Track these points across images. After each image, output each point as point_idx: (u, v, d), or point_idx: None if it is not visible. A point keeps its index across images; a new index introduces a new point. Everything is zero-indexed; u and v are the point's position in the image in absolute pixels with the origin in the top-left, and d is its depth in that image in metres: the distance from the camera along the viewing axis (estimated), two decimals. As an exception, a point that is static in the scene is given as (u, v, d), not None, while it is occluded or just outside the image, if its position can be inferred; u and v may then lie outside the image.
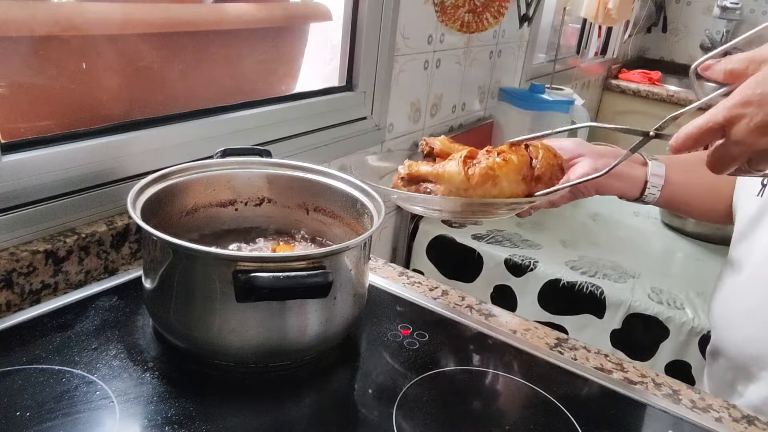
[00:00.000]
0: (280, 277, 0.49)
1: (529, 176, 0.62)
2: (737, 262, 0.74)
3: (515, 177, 0.61)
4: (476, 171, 0.60)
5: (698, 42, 3.32)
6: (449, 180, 0.60)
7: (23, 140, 0.67)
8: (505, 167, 0.61)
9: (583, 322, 1.22)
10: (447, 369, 0.61)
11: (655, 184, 0.76)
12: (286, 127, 1.00)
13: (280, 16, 1.02)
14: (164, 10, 0.82)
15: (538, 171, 0.63)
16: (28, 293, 0.63)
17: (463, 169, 0.60)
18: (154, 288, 0.57)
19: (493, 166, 0.60)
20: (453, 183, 0.60)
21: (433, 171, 0.61)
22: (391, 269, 0.81)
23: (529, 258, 1.27)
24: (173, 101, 0.87)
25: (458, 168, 0.60)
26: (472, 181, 0.60)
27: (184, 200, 0.67)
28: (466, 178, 0.60)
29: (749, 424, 0.60)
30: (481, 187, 0.60)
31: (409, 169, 0.61)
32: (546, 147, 0.65)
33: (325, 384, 0.58)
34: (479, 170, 0.60)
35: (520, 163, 0.62)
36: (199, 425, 0.49)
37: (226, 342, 0.54)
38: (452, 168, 0.60)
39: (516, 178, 0.61)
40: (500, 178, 0.60)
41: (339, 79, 1.15)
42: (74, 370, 0.53)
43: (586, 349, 0.68)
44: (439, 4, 1.28)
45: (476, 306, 0.74)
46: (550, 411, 0.57)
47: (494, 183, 0.60)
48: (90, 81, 0.76)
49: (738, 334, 0.72)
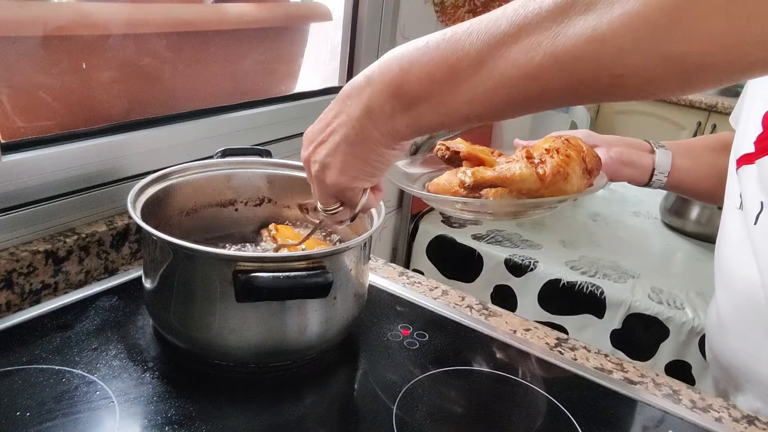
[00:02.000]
0: (280, 277, 0.49)
1: (588, 172, 0.64)
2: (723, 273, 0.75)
3: (580, 172, 0.62)
4: (547, 170, 0.60)
5: (698, 42, 3.31)
6: (522, 181, 0.59)
7: (23, 140, 0.67)
8: (572, 163, 0.62)
9: (583, 322, 1.22)
10: (447, 369, 0.61)
11: (663, 171, 0.80)
12: (286, 127, 1.00)
13: (280, 16, 1.02)
14: (164, 10, 0.82)
15: (589, 164, 0.65)
16: (28, 293, 0.63)
17: (534, 170, 0.60)
18: (154, 288, 0.57)
19: (562, 164, 0.61)
20: (526, 184, 0.60)
21: (500, 175, 0.60)
22: (391, 269, 0.81)
23: (529, 258, 1.27)
24: (173, 101, 0.87)
25: (529, 169, 0.60)
26: (546, 181, 0.60)
27: (184, 200, 0.67)
28: (539, 178, 0.60)
29: (749, 424, 0.60)
30: (555, 185, 0.60)
31: (474, 177, 0.60)
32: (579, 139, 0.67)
33: (325, 384, 0.58)
34: (551, 169, 0.60)
35: (579, 158, 0.63)
36: (199, 425, 0.49)
37: (226, 342, 0.54)
38: (522, 170, 0.60)
39: (580, 173, 0.62)
40: (570, 174, 0.61)
41: (339, 79, 1.15)
42: (74, 370, 0.53)
43: (586, 349, 0.68)
44: (439, 4, 1.28)
45: (476, 306, 0.74)
46: (550, 411, 0.57)
47: (566, 180, 0.61)
48: (90, 81, 0.76)
49: (726, 344, 0.73)
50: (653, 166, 0.80)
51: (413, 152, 0.67)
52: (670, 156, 0.80)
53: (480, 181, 0.60)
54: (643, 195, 1.74)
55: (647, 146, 0.82)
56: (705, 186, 0.84)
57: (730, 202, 0.73)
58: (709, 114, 2.74)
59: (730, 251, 0.72)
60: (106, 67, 0.78)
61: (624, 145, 0.80)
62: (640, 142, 0.82)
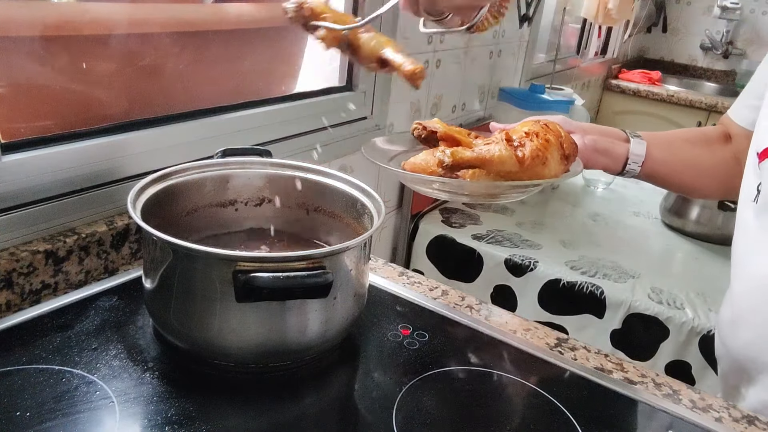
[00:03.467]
0: (280, 277, 0.49)
1: (565, 158, 0.65)
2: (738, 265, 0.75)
3: (558, 157, 0.63)
4: (526, 153, 0.60)
5: (698, 42, 3.32)
6: (501, 163, 0.60)
7: (23, 140, 0.67)
8: (550, 148, 0.62)
9: (583, 322, 1.22)
10: (447, 369, 0.61)
11: (636, 160, 0.81)
12: (286, 127, 1.00)
13: (280, 16, 1.02)
14: (164, 10, 0.82)
15: (566, 150, 0.65)
16: (28, 293, 0.63)
17: (513, 153, 0.60)
18: (154, 288, 0.57)
19: (541, 148, 0.61)
20: (505, 166, 0.60)
21: (479, 156, 0.60)
22: (391, 269, 0.81)
23: (529, 258, 1.27)
24: (173, 101, 0.87)
25: (508, 152, 0.60)
26: (525, 164, 0.60)
27: (184, 200, 0.67)
28: (518, 161, 0.60)
29: (749, 424, 0.60)
30: (533, 169, 0.61)
31: (453, 156, 0.60)
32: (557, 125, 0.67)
33: (325, 384, 0.58)
34: (530, 152, 0.60)
35: (557, 143, 0.64)
36: (199, 425, 0.49)
37: (226, 342, 0.54)
38: (502, 152, 0.60)
39: (558, 158, 0.63)
40: (549, 159, 0.62)
41: (339, 79, 1.15)
42: (74, 370, 0.53)
43: (586, 349, 0.68)
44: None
45: (476, 306, 0.74)
46: (550, 411, 0.57)
47: (544, 164, 0.61)
48: (90, 81, 0.76)
49: (739, 336, 0.72)
50: (627, 155, 0.81)
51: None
52: (644, 146, 0.81)
53: (459, 161, 0.60)
54: (643, 195, 1.73)
55: (622, 135, 0.83)
56: (681, 178, 0.85)
57: (745, 196, 0.74)
58: (709, 114, 2.74)
59: (746, 243, 0.73)
60: (106, 67, 0.78)
61: (599, 133, 0.81)
62: (615, 130, 0.83)
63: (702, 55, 3.35)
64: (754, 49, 3.19)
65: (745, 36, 3.21)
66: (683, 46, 3.40)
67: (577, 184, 1.76)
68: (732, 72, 3.26)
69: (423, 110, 1.38)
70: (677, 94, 2.80)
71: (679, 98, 2.78)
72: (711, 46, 3.25)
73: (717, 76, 3.30)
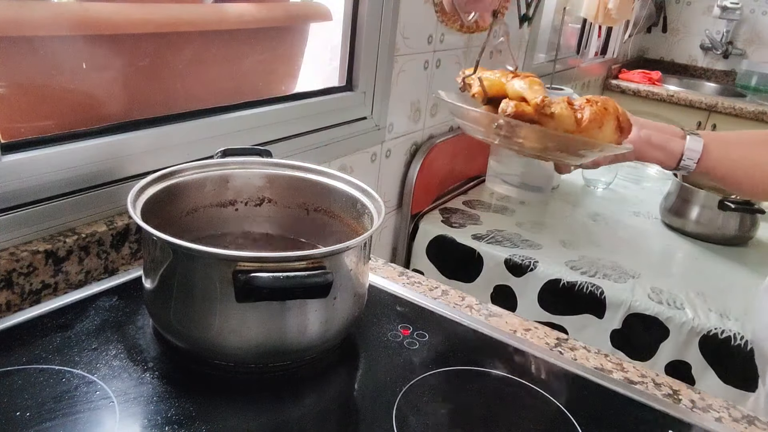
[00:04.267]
0: (280, 277, 0.49)
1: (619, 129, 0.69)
2: None
3: (613, 125, 0.67)
4: (585, 115, 0.65)
5: (698, 42, 3.32)
6: (560, 120, 0.65)
7: (23, 140, 0.67)
8: (608, 116, 0.67)
9: (583, 322, 1.22)
10: (447, 369, 0.61)
11: (691, 156, 0.82)
12: (286, 127, 1.00)
13: (280, 16, 1.02)
14: (164, 10, 0.82)
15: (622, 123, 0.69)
16: (28, 293, 0.63)
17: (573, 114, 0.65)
18: (154, 288, 0.57)
19: (599, 113, 0.66)
20: (563, 124, 0.65)
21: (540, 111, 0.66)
22: (391, 269, 0.81)
23: (529, 258, 1.27)
24: (173, 101, 0.87)
25: (568, 111, 0.65)
26: (582, 124, 0.65)
27: (184, 200, 0.67)
28: (576, 122, 0.65)
29: (749, 424, 0.60)
30: (589, 131, 0.66)
31: (516, 108, 0.65)
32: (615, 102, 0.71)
33: (325, 384, 0.58)
34: (589, 115, 0.65)
35: (614, 114, 0.68)
36: (199, 425, 0.49)
37: (226, 342, 0.54)
38: (562, 110, 0.65)
39: (613, 127, 0.67)
40: (605, 125, 0.66)
41: (339, 79, 1.15)
42: (74, 370, 0.53)
43: (586, 349, 0.68)
44: (439, 4, 1.28)
45: (476, 306, 0.74)
46: (550, 411, 0.57)
47: (600, 128, 0.66)
48: (90, 81, 0.76)
49: None
50: (682, 150, 0.82)
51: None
52: (701, 143, 0.81)
53: (520, 113, 0.65)
54: (643, 195, 1.73)
55: (680, 132, 0.84)
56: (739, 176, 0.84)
57: None
58: (709, 114, 2.74)
59: None
60: (106, 67, 0.78)
61: (655, 129, 0.82)
62: (672, 127, 0.84)
63: (702, 55, 3.35)
64: (754, 49, 3.19)
65: (745, 36, 3.21)
66: (683, 46, 3.40)
67: (577, 184, 1.76)
68: (732, 72, 3.26)
69: (423, 110, 1.38)
70: (677, 94, 2.80)
71: (679, 98, 2.78)
72: (711, 46, 3.25)
73: (717, 76, 3.30)
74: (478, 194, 1.60)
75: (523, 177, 1.59)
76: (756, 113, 2.60)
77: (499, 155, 1.61)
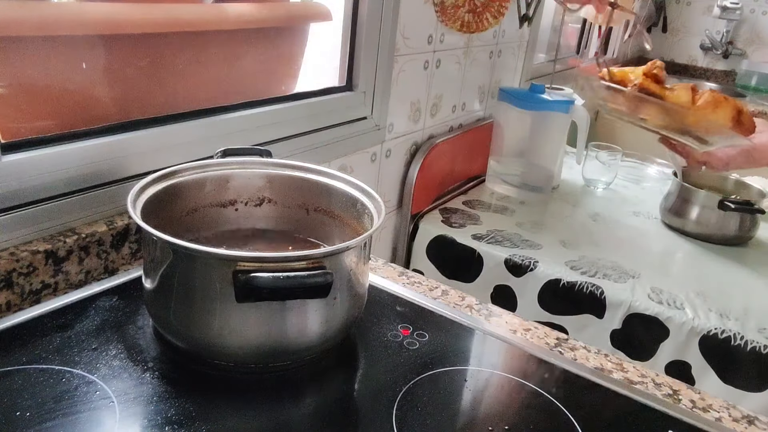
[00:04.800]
0: (280, 277, 0.49)
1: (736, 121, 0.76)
2: None
3: (730, 114, 0.76)
4: (703, 97, 0.75)
5: (698, 42, 3.32)
6: (677, 96, 0.75)
7: (23, 140, 0.67)
8: (727, 105, 0.76)
9: (583, 322, 1.22)
10: (447, 369, 0.61)
11: None
12: (286, 127, 1.00)
13: (280, 16, 1.02)
14: (164, 10, 0.82)
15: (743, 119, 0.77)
16: (28, 293, 0.63)
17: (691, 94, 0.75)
18: (154, 288, 0.57)
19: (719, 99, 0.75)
20: (680, 99, 0.76)
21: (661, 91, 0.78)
22: (391, 269, 0.81)
23: (529, 258, 1.27)
24: (173, 101, 0.87)
25: (687, 91, 0.76)
26: (698, 102, 0.75)
27: (184, 200, 0.67)
28: (692, 100, 0.75)
29: (749, 424, 0.60)
30: (702, 110, 0.75)
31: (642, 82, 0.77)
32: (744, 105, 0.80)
33: (325, 384, 0.58)
34: (705, 97, 0.75)
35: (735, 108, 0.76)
36: (199, 425, 0.49)
37: (226, 342, 0.54)
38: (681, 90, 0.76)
39: (729, 116, 0.76)
40: (720, 109, 0.75)
41: (339, 79, 1.15)
42: (74, 370, 0.53)
43: (586, 349, 0.68)
44: (439, 4, 1.28)
45: (476, 306, 0.74)
46: (550, 411, 0.57)
47: (714, 110, 0.75)
48: (90, 81, 0.76)
49: None
50: None
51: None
52: None
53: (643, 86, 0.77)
54: (643, 195, 1.73)
55: None
56: None
57: None
58: (709, 114, 2.74)
59: None
60: (107, 67, 0.78)
61: None
62: None
63: (702, 55, 3.35)
64: (754, 49, 3.19)
65: (745, 36, 3.21)
66: (683, 46, 3.40)
67: (577, 184, 1.76)
68: (732, 72, 3.26)
69: (423, 110, 1.38)
70: (677, 94, 2.80)
71: (679, 98, 2.78)
72: (711, 46, 3.25)
73: (717, 76, 3.30)
74: (478, 194, 1.60)
75: (523, 177, 1.59)
76: (756, 113, 2.60)
77: (499, 155, 1.61)
